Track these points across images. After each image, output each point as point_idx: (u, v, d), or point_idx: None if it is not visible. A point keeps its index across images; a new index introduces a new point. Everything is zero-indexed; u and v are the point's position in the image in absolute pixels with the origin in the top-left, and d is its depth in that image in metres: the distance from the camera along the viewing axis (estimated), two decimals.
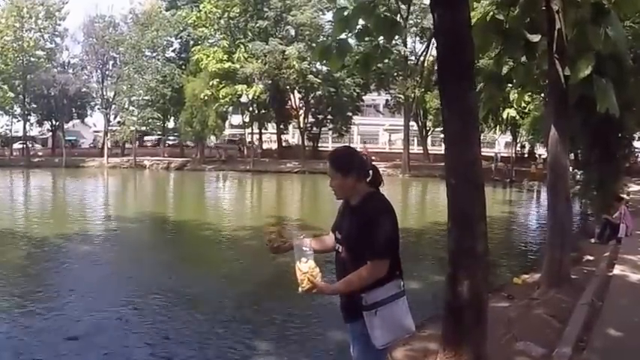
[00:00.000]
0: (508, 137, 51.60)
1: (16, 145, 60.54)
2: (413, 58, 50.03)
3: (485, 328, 4.67)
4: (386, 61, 44.55)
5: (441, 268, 11.79)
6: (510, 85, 10.61)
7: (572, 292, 8.12)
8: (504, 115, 36.46)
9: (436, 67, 4.61)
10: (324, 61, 5.27)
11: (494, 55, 8.47)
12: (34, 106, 58.83)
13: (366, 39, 6.05)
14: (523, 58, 8.29)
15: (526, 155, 54.26)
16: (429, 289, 9.57)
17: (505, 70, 8.99)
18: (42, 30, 54.94)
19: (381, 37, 6.07)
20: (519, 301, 8.13)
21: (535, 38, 7.63)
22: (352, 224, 3.30)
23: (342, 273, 3.30)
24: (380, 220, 3.16)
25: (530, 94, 25.09)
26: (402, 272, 3.32)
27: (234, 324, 8.43)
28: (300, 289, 3.14)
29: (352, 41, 6.05)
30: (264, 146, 62.95)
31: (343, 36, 5.66)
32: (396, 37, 8.33)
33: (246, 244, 15.42)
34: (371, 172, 3.36)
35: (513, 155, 49.44)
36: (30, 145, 59.93)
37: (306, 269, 3.13)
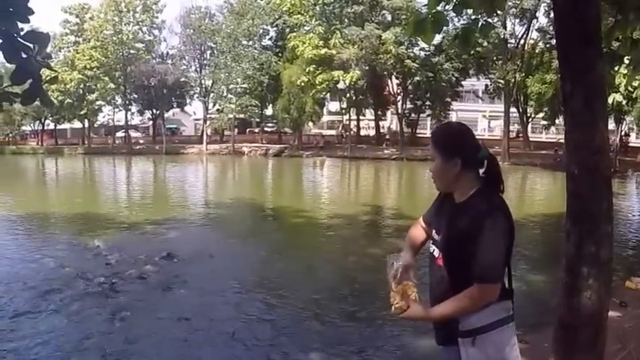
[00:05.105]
0: (611, 124, 48.15)
1: (119, 134, 63.57)
2: (512, 41, 47.95)
3: (602, 353, 3.88)
4: (485, 44, 43.01)
5: (539, 267, 10.97)
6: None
7: None
8: (610, 100, 33.77)
9: (554, 31, 3.83)
10: (418, 36, 4.63)
11: (605, 29, 7.46)
12: (135, 96, 61.46)
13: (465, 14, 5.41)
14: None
15: (630, 144, 50.37)
16: (528, 290, 8.77)
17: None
18: (140, 23, 57.23)
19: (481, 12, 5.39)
20: (633, 309, 7.20)
21: None
22: (453, 229, 2.58)
23: (438, 286, 2.65)
24: (491, 231, 2.41)
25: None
26: (512, 291, 2.63)
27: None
28: (392, 308, 2.64)
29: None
30: (362, 133, 62.29)
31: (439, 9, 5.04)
32: (498, 11, 7.46)
33: (340, 232, 15.27)
34: (485, 161, 2.60)
35: (617, 143, 46.12)
36: (132, 133, 62.78)
37: (399, 287, 2.67)
